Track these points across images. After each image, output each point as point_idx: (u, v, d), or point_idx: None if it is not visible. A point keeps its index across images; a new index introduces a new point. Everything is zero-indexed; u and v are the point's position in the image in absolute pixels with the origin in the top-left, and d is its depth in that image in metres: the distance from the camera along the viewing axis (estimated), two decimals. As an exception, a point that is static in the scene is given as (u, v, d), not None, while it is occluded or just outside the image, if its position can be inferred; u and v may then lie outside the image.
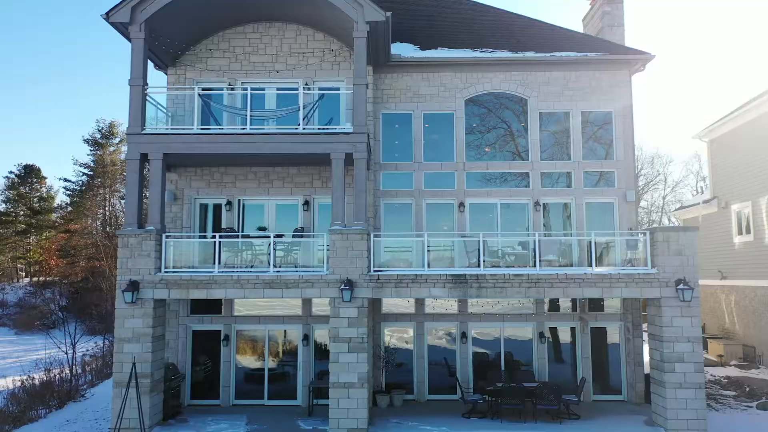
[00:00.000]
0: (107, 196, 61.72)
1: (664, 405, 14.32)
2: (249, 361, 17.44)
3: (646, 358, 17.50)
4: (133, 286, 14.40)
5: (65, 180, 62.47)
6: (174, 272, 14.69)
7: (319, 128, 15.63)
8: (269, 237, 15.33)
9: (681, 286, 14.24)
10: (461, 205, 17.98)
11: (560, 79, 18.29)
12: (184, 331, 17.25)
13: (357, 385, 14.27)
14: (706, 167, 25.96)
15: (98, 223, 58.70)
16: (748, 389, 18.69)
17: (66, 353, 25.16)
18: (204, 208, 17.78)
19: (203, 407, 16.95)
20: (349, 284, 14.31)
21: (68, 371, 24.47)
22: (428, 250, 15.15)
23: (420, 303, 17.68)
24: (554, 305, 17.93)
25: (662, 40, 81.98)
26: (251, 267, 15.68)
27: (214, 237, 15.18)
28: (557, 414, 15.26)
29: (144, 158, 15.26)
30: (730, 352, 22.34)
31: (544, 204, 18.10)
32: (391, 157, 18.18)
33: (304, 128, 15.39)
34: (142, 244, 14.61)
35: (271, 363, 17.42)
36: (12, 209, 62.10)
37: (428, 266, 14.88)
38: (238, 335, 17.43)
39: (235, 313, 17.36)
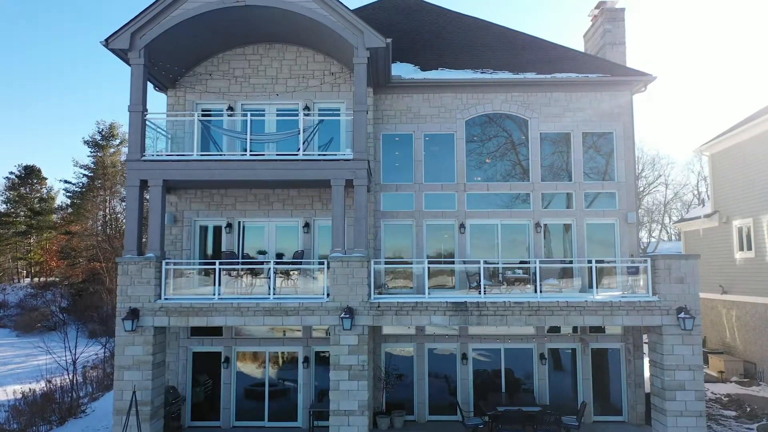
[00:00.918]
0: (107, 197, 61.79)
1: (665, 433, 14.32)
2: (249, 383, 17.44)
3: (647, 378, 17.50)
4: (133, 314, 14.40)
5: (65, 182, 62.72)
6: (174, 300, 14.69)
7: (319, 154, 15.57)
8: (269, 262, 15.28)
9: (682, 315, 14.22)
10: (462, 226, 17.95)
11: (561, 100, 18.22)
12: (185, 354, 17.26)
13: (357, 412, 14.28)
14: (707, 167, 25.84)
15: (99, 224, 58.75)
16: (749, 409, 18.68)
17: (66, 364, 25.17)
18: (204, 230, 17.77)
19: (204, 429, 16.99)
20: (350, 312, 14.29)
21: (69, 381, 24.51)
22: (428, 278, 15.08)
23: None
24: (555, 327, 17.91)
25: (663, 54, 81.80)
26: (252, 289, 15.70)
27: (213, 263, 15.13)
28: (558, 439, 15.27)
29: (144, 184, 15.23)
30: (731, 368, 22.33)
31: (545, 225, 18.06)
32: (391, 178, 18.14)
33: (304, 154, 15.34)
34: (141, 271, 14.60)
35: (271, 385, 17.42)
36: (12, 210, 62.27)
37: (428, 293, 14.83)
38: (238, 357, 17.44)
39: (236, 335, 17.36)
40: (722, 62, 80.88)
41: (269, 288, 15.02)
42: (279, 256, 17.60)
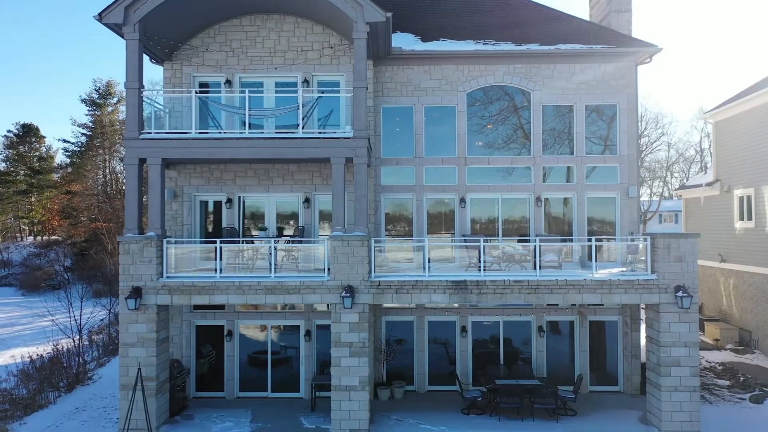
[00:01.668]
0: (107, 157, 61.56)
1: (659, 407, 14.63)
2: (252, 355, 17.75)
3: (643, 346, 17.77)
4: (136, 293, 14.53)
5: (64, 141, 62.46)
6: (176, 278, 14.78)
7: (318, 132, 15.38)
8: (270, 241, 15.30)
9: (680, 294, 14.33)
10: (462, 200, 17.91)
11: (565, 72, 17.91)
12: (188, 327, 17.52)
13: (358, 388, 14.57)
14: (711, 133, 25.56)
15: (99, 185, 58.70)
16: (742, 379, 19.04)
17: (72, 326, 25.46)
18: (204, 204, 17.76)
19: (208, 400, 17.38)
20: (350, 291, 14.41)
21: (75, 345, 24.89)
22: (428, 255, 15.12)
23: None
24: (553, 300, 18.08)
25: (669, 19, 79.64)
26: (253, 263, 15.78)
27: (214, 242, 15.17)
28: (554, 412, 15.61)
29: (142, 162, 15.14)
30: (727, 336, 22.65)
31: (545, 198, 18.03)
32: (391, 152, 18.01)
33: (303, 131, 15.16)
34: (143, 250, 14.66)
35: (273, 357, 17.73)
36: (12, 169, 62.20)
37: (428, 272, 14.91)
38: (241, 330, 17.69)
39: (238, 309, 17.57)
40: (731, 27, 79.03)
41: (270, 264, 15.09)
42: (279, 230, 17.65)
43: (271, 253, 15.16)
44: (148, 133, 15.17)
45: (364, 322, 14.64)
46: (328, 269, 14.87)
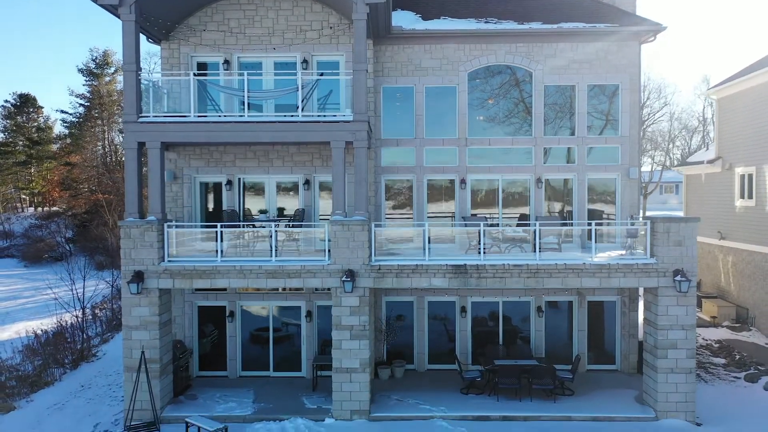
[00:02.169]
0: (105, 128, 61.25)
1: (655, 388, 14.86)
2: (254, 335, 17.95)
3: (641, 323, 17.97)
4: (138, 277, 14.62)
5: (62, 111, 62.08)
6: (178, 262, 14.85)
7: (318, 115, 15.27)
8: (271, 225, 15.31)
9: (679, 278, 14.41)
10: (462, 181, 17.88)
11: (567, 51, 17.68)
12: (190, 308, 17.68)
13: (359, 370, 14.78)
14: (714, 110, 25.43)
15: (98, 156, 58.54)
16: (738, 357, 19.29)
17: (75, 300, 25.65)
18: (204, 186, 17.74)
19: (211, 379, 17.64)
20: (351, 275, 14.50)
21: (79, 320, 25.18)
22: (429, 241, 15.16)
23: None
24: (553, 280, 18.20)
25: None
26: (255, 244, 15.85)
27: (215, 226, 15.19)
28: (552, 392, 15.86)
29: (141, 145, 15.08)
30: (724, 314, 22.86)
31: (546, 180, 18.00)
32: (392, 133, 17.91)
33: (303, 115, 15.04)
34: (144, 235, 14.69)
35: (275, 337, 17.92)
36: (11, 139, 61.95)
37: (428, 256, 14.96)
38: (242, 311, 17.85)
39: (239, 290, 17.69)
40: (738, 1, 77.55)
41: (271, 247, 15.13)
42: (280, 211, 17.67)
43: (271, 236, 15.18)
44: (147, 116, 15.05)
45: (365, 306, 14.76)
46: (329, 250, 14.90)
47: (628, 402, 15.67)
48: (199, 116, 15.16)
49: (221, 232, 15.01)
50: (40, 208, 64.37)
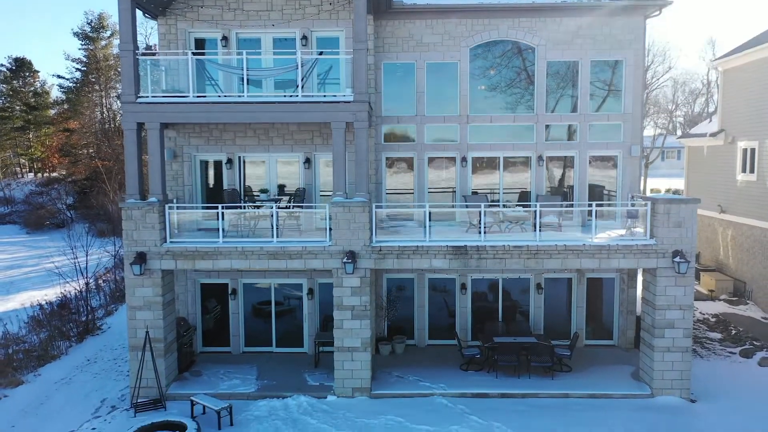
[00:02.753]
0: (103, 94, 60.70)
1: (651, 366, 15.11)
2: (256, 308, 18.13)
3: (639, 305, 18.14)
4: (140, 258, 14.72)
5: (58, 76, 61.26)
6: (180, 243, 14.92)
7: (318, 95, 15.14)
8: (272, 207, 15.31)
9: (678, 259, 14.49)
10: (464, 159, 17.82)
11: (571, 26, 17.38)
12: (193, 285, 17.84)
13: (360, 349, 15.02)
14: (719, 82, 25.08)
15: (96, 123, 58.18)
16: (734, 332, 19.54)
17: (78, 269, 25.83)
18: (204, 164, 17.69)
19: (215, 355, 17.92)
20: (351, 256, 14.58)
21: (82, 290, 25.44)
22: (429, 220, 15.20)
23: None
24: (552, 257, 18.30)
25: None
26: (255, 225, 15.91)
27: (216, 207, 15.21)
28: (550, 369, 16.14)
29: (141, 126, 14.99)
30: (721, 287, 23.06)
31: (547, 158, 17.92)
32: (392, 110, 17.77)
33: (303, 95, 14.91)
34: (145, 216, 14.73)
35: (277, 311, 18.12)
36: (8, 105, 61.42)
37: (429, 237, 15.02)
38: (245, 288, 18.01)
39: (242, 268, 17.78)
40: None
41: (272, 227, 15.17)
42: (281, 188, 17.66)
43: (272, 215, 15.18)
44: (146, 96, 14.92)
45: (366, 286, 14.90)
46: (330, 231, 14.93)
47: (625, 378, 15.96)
48: (198, 96, 15.03)
49: (222, 213, 15.03)
50: (39, 174, 64.30)
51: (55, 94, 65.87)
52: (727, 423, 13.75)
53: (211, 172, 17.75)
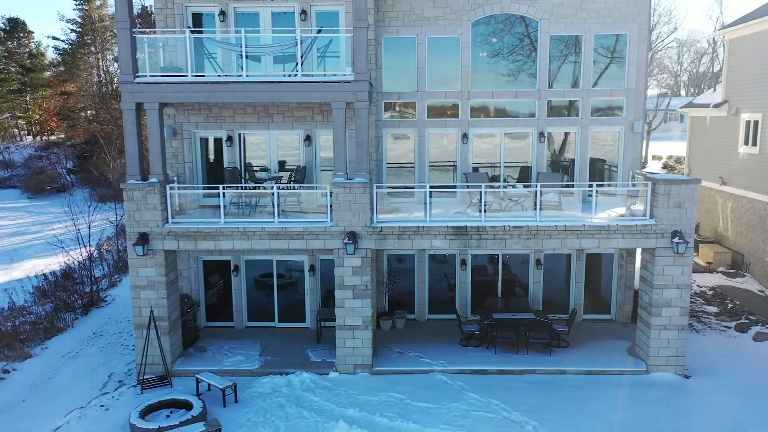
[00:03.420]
0: (99, 56, 59.96)
1: (648, 343, 15.39)
2: (259, 284, 18.32)
3: (638, 279, 18.33)
4: (143, 239, 14.82)
5: (54, 38, 60.66)
6: (182, 224, 14.99)
7: (317, 73, 14.98)
8: (273, 187, 15.31)
9: (676, 240, 14.58)
10: (465, 136, 17.73)
11: None
12: (195, 262, 18.00)
13: (361, 327, 15.27)
14: (725, 52, 24.72)
15: (93, 86, 57.60)
16: (730, 305, 19.81)
17: (80, 238, 25.98)
18: (204, 141, 17.62)
19: (219, 330, 18.21)
20: (353, 237, 14.67)
21: (86, 258, 25.70)
22: (430, 200, 15.26)
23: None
24: (552, 233, 18.41)
25: None
26: (256, 203, 15.99)
27: (217, 188, 15.22)
28: (548, 345, 16.42)
29: (139, 106, 14.90)
30: (720, 259, 23.25)
31: (549, 134, 17.83)
32: (393, 86, 17.59)
33: (303, 75, 14.76)
34: (147, 197, 14.76)
35: (279, 287, 18.33)
36: (3, 66, 60.73)
37: (430, 217, 15.08)
38: (247, 264, 18.18)
39: (244, 248, 17.90)
40: None
41: (273, 205, 15.21)
42: (281, 165, 17.64)
43: (274, 194, 15.19)
44: (144, 75, 14.76)
45: (367, 266, 15.05)
46: (331, 210, 14.96)
47: (621, 354, 16.26)
48: (196, 75, 14.88)
49: (223, 193, 15.05)
50: (38, 138, 64.01)
51: (51, 55, 65.13)
52: (719, 400, 14.07)
53: (211, 150, 17.69)
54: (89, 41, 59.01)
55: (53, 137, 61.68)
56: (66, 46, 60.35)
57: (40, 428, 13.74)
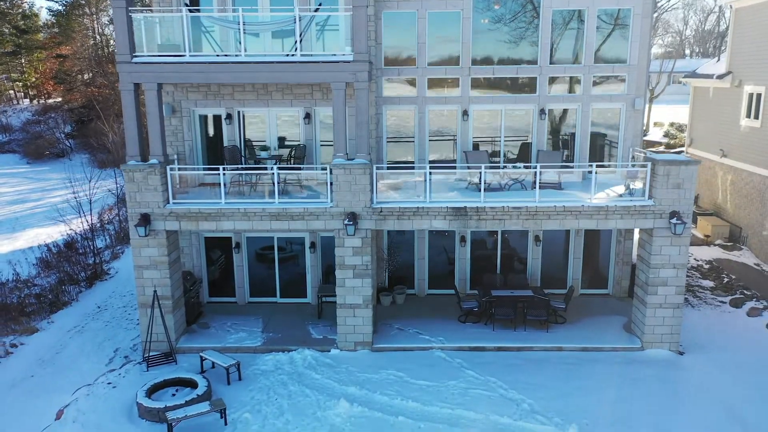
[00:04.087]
0: (94, 18, 58.96)
1: (643, 321, 15.66)
2: (260, 257, 18.51)
3: (635, 254, 18.54)
4: (145, 220, 14.92)
5: (47, -1, 59.28)
6: (183, 204, 15.07)
7: (316, 53, 14.82)
8: (272, 163, 15.37)
9: (674, 220, 14.68)
10: (465, 112, 17.64)
11: (579, -27, 16.73)
12: (197, 239, 18.15)
13: (362, 306, 15.52)
14: (731, 21, 24.29)
15: (89, 50, 56.78)
16: (726, 280, 20.03)
17: (81, 207, 26.15)
18: (204, 119, 17.55)
19: (221, 305, 18.48)
20: (353, 217, 14.77)
21: (86, 225, 25.92)
22: (430, 181, 15.30)
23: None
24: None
25: None
26: (257, 180, 16.07)
27: (217, 169, 15.24)
28: (545, 322, 16.70)
29: (138, 86, 14.80)
30: (718, 232, 23.38)
31: (549, 110, 17.73)
32: (393, 62, 17.39)
33: (301, 55, 14.61)
34: (147, 178, 14.80)
35: (280, 260, 18.50)
36: (-5, 28, 59.75)
37: (429, 198, 15.14)
38: (248, 242, 18.33)
39: (245, 229, 18.02)
40: None
41: (274, 183, 15.26)
42: (281, 141, 17.61)
43: (273, 172, 15.19)
44: (141, 55, 14.62)
45: (367, 246, 15.19)
46: (331, 184, 14.98)
47: (617, 330, 16.56)
48: (194, 56, 14.72)
49: (224, 173, 15.08)
50: (35, 101, 63.47)
51: (45, 17, 63.99)
52: (710, 378, 14.40)
53: (210, 127, 17.63)
54: (83, 2, 57.90)
55: (50, 101, 61.15)
56: (60, 8, 59.25)
57: (50, 405, 14.12)
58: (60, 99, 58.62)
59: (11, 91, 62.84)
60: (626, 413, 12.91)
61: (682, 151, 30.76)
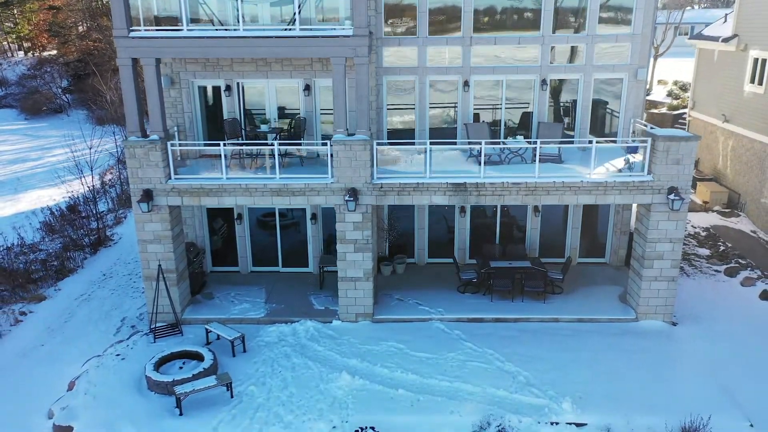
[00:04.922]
0: (88, -33, 57.40)
1: (638, 293, 15.98)
2: (261, 224, 18.68)
3: (632, 224, 18.76)
4: (147, 196, 15.05)
5: (36, -54, 57.48)
6: (184, 180, 15.17)
7: (315, 27, 14.59)
8: (272, 137, 15.37)
9: (672, 196, 14.79)
10: (466, 83, 17.51)
11: (584, -60, 16.30)
12: (199, 210, 18.31)
13: (363, 279, 15.81)
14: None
15: (82, 1, 55.56)
16: (722, 248, 20.28)
17: (82, 172, 26.28)
18: (203, 90, 17.44)
19: (224, 275, 18.79)
20: (353, 193, 14.89)
21: (87, 187, 26.11)
22: (430, 156, 15.34)
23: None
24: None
25: None
26: (258, 152, 16.13)
27: (218, 144, 15.25)
28: (542, 293, 17.02)
29: (136, 61, 14.67)
30: (716, 199, 23.49)
31: (551, 81, 17.59)
32: (393, 31, 17.14)
33: (300, 29, 14.41)
34: (149, 154, 14.85)
35: (282, 230, 18.70)
36: (-15, -22, 58.34)
37: (429, 174, 15.21)
38: (250, 212, 18.50)
39: (246, 204, 18.13)
40: None
41: (274, 155, 15.29)
42: (281, 111, 17.56)
43: (274, 145, 15.22)
44: (138, 30, 14.43)
45: (368, 221, 15.37)
46: (332, 156, 14.98)
47: (612, 300, 16.91)
48: (191, 30, 14.55)
49: (224, 150, 15.10)
50: (30, 54, 62.50)
51: (35, -34, 62.18)
52: (702, 349, 14.83)
53: (210, 98, 17.53)
54: (76, -50, 56.27)
55: (45, 54, 60.25)
56: (51, -43, 57.60)
57: (60, 375, 14.62)
58: (55, 52, 57.75)
59: (5, 43, 61.85)
60: (618, 386, 13.33)
61: (684, 114, 30.52)
